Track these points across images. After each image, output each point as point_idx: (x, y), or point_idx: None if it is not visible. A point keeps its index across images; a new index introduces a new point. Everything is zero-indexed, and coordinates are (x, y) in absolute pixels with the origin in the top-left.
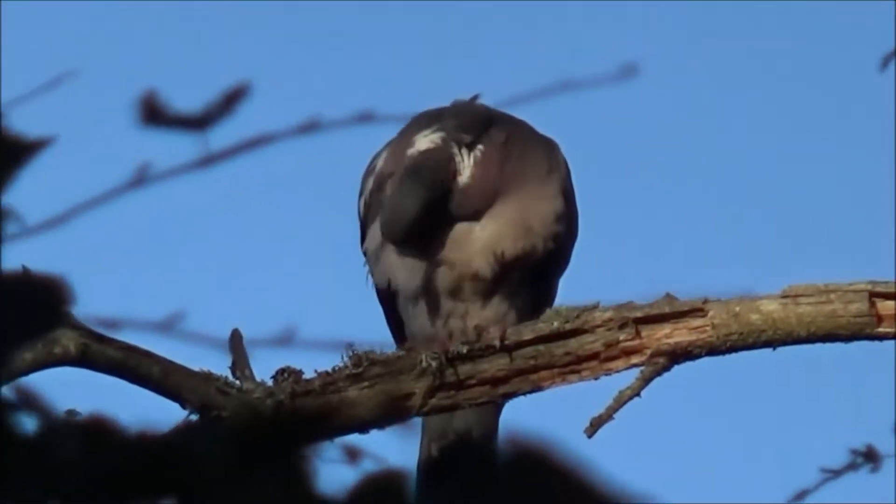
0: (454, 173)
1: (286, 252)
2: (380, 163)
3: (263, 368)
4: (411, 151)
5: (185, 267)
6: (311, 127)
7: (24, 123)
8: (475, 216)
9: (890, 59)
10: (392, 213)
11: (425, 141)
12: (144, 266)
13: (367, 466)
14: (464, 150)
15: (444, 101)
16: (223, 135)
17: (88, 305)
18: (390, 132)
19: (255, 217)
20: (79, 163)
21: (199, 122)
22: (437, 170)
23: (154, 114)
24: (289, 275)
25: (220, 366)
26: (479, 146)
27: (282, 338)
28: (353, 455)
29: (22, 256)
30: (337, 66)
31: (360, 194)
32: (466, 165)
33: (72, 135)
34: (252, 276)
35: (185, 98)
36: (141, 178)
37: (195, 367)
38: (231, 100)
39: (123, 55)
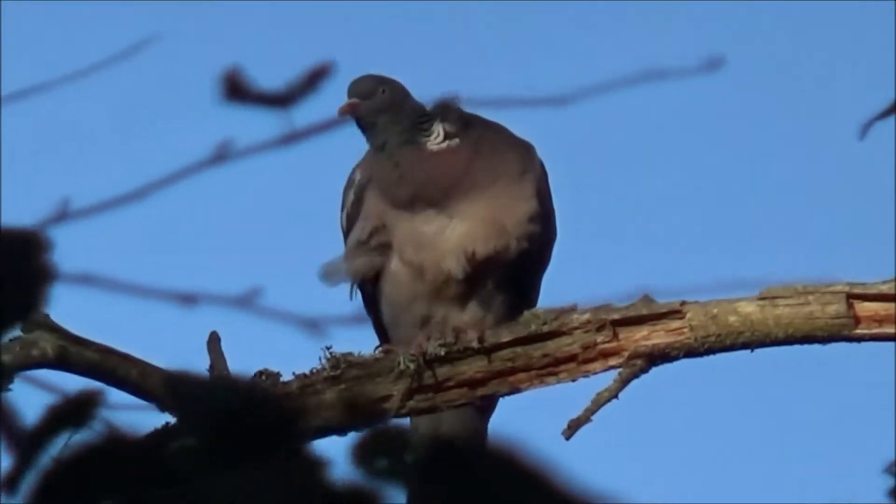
0: (425, 132)
1: None
2: (357, 174)
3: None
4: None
5: (264, 243)
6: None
7: (108, 95)
8: (434, 205)
9: (870, 126)
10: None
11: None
12: (224, 242)
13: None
14: (441, 128)
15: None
16: (306, 113)
17: (167, 280)
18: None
19: (335, 194)
20: (161, 138)
21: (282, 100)
22: (411, 114)
23: (237, 90)
24: None
25: (296, 342)
26: (457, 140)
27: (357, 316)
28: None
29: (104, 230)
30: (418, 46)
31: (343, 207)
32: (439, 141)
33: (155, 110)
34: (331, 253)
35: (269, 76)
36: (223, 155)
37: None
38: (314, 78)
39: (208, 32)
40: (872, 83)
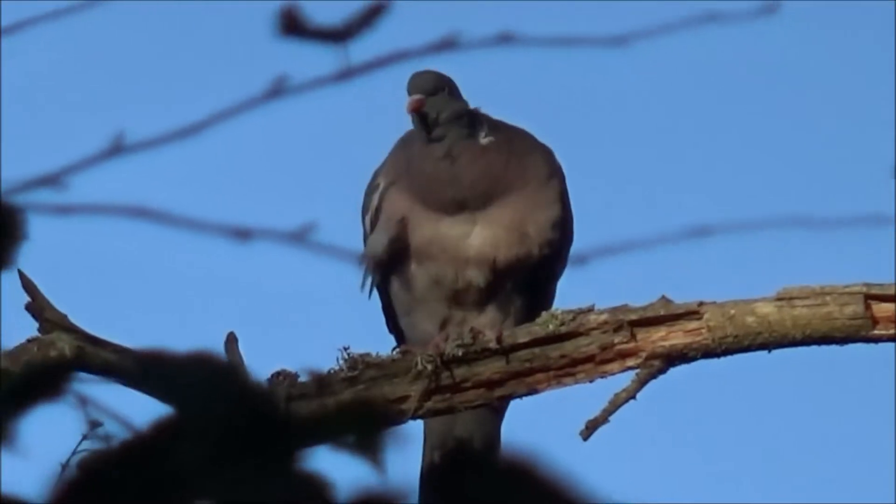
0: (473, 121)
1: None
2: (381, 180)
3: (259, 371)
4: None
5: (318, 179)
6: (449, 45)
7: (164, 29)
8: (464, 204)
9: None
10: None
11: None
12: (279, 177)
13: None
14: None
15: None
16: (362, 49)
17: (223, 214)
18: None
19: (392, 131)
20: (217, 72)
21: (338, 36)
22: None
23: (294, 26)
24: None
25: (350, 277)
26: (490, 138)
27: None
28: None
29: (159, 165)
30: None
31: (366, 211)
32: (483, 137)
33: (212, 45)
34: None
35: (326, 11)
36: (279, 90)
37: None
38: (371, 14)
39: None
40: None
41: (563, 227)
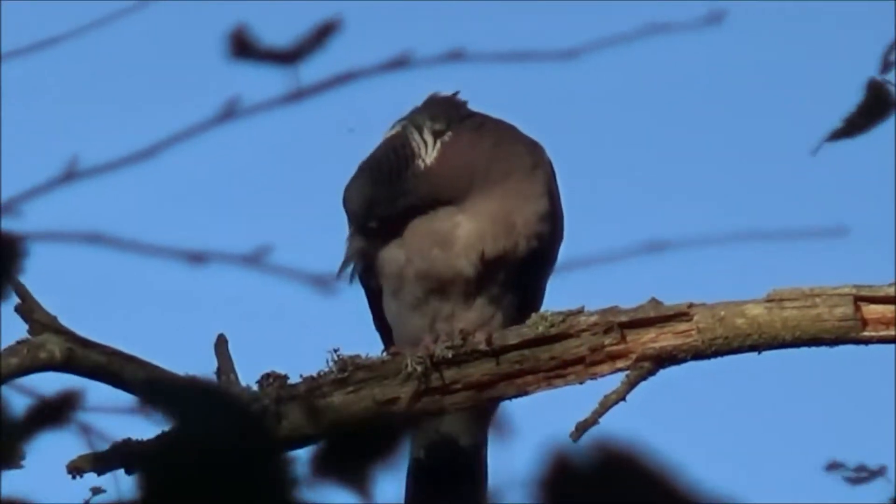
0: (411, 157)
1: None
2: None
3: (249, 373)
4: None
5: (272, 201)
6: (400, 63)
7: (116, 53)
8: (449, 203)
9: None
10: (347, 202)
11: (390, 131)
12: (233, 200)
13: None
14: (427, 135)
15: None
16: (313, 70)
17: (176, 238)
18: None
19: (344, 151)
20: (168, 96)
21: (289, 57)
22: (387, 155)
23: (244, 47)
24: None
25: (305, 301)
26: (448, 133)
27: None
28: None
29: (112, 190)
30: (428, 2)
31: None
32: (431, 150)
33: (163, 68)
34: (340, 210)
35: (276, 32)
36: (231, 112)
37: (176, 373)
38: (321, 35)
39: None
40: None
41: (552, 221)
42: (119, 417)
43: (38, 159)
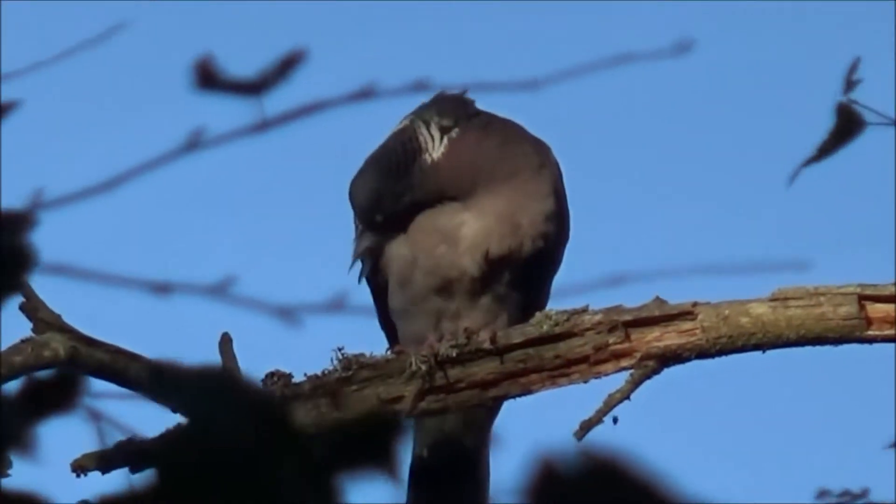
0: (418, 151)
1: (339, 218)
2: None
3: (252, 371)
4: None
5: (238, 231)
6: (365, 94)
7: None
8: (454, 199)
9: (798, 173)
10: (353, 196)
11: (397, 126)
12: (197, 230)
13: None
14: (434, 130)
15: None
16: (278, 101)
17: (141, 269)
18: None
19: (309, 182)
20: (133, 126)
21: (254, 88)
22: (394, 149)
23: (209, 78)
24: (342, 240)
25: (270, 331)
26: (455, 129)
27: (334, 304)
28: None
29: (77, 221)
30: (393, 33)
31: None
32: (437, 145)
33: (127, 99)
34: (305, 241)
35: (241, 63)
36: (195, 143)
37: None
38: (286, 66)
39: (180, 19)
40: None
41: (557, 221)
42: (126, 403)
43: (2, 191)
